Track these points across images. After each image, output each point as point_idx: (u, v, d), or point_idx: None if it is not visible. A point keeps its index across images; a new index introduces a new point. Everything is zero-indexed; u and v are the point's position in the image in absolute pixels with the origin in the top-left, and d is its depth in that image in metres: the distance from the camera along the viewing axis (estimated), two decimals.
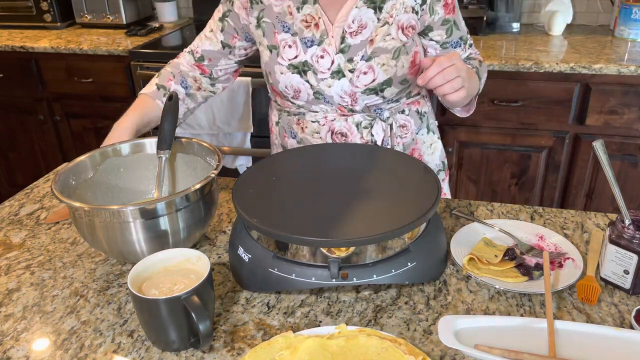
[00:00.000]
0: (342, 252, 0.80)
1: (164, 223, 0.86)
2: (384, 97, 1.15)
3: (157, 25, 2.70)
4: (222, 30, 1.21)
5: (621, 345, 0.72)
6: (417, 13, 1.11)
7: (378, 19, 1.10)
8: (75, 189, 0.95)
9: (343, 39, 1.11)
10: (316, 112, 1.20)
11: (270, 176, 0.95)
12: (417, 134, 1.27)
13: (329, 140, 1.21)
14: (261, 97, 2.23)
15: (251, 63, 1.30)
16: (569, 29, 2.39)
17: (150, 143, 1.05)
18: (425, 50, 1.20)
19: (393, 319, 0.80)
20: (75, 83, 2.48)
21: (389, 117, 1.20)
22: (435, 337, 0.76)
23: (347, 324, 0.77)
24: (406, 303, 0.83)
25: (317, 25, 1.11)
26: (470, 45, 1.23)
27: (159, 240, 0.87)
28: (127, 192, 1.05)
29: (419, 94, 1.25)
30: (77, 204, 0.83)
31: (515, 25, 2.40)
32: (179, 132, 2.42)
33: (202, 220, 0.92)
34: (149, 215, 0.84)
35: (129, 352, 0.75)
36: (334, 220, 0.82)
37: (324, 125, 1.20)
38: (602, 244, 0.93)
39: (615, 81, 1.93)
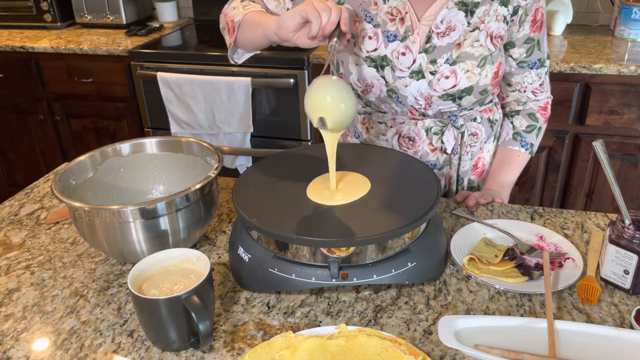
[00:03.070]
0: (342, 252, 0.80)
1: (164, 223, 0.86)
2: (459, 105, 1.11)
3: (157, 25, 2.70)
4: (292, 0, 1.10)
5: (621, 345, 0.72)
6: (507, 23, 1.06)
7: (468, 23, 1.05)
8: (75, 189, 0.95)
9: (429, 39, 1.06)
10: (384, 112, 1.15)
11: (270, 176, 0.95)
12: (485, 142, 1.22)
13: (396, 144, 1.17)
14: (261, 97, 2.23)
15: (251, 63, 1.29)
16: (569, 29, 2.39)
17: (150, 143, 1.05)
18: None
19: (393, 319, 0.80)
20: (75, 83, 2.48)
21: (462, 125, 1.15)
22: (435, 337, 0.76)
23: (347, 324, 0.77)
24: (406, 303, 0.83)
25: (402, 19, 1.06)
26: (546, 73, 1.18)
27: (159, 240, 0.87)
28: (127, 192, 1.05)
29: (491, 101, 1.20)
30: (77, 204, 0.83)
31: None
32: (179, 132, 2.41)
33: (202, 220, 0.92)
34: (149, 215, 0.84)
35: (129, 352, 0.75)
36: (334, 220, 0.82)
37: (391, 127, 1.15)
38: (602, 244, 0.93)
39: (615, 81, 1.93)
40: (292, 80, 2.12)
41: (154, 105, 2.37)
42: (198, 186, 0.87)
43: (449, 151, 1.16)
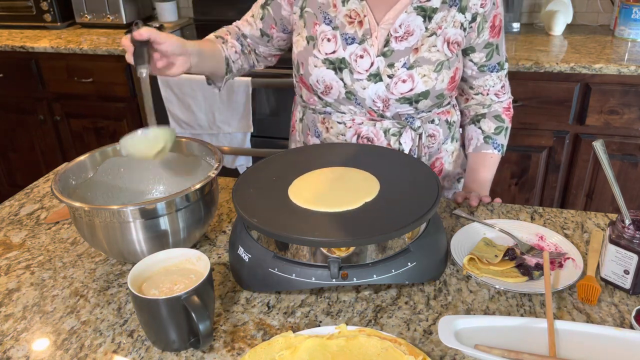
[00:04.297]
0: (342, 252, 0.80)
1: (164, 223, 0.86)
2: (416, 108, 1.12)
3: (157, 25, 2.69)
4: (261, 19, 1.20)
5: (621, 345, 0.72)
6: (464, 30, 1.08)
7: (426, 28, 1.06)
8: (75, 189, 0.95)
9: (387, 42, 1.07)
10: (344, 113, 1.16)
11: (270, 176, 0.95)
12: (443, 143, 1.24)
13: None
14: (261, 97, 2.23)
15: None
16: (569, 29, 2.39)
17: None
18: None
19: (393, 319, 0.80)
20: (75, 83, 2.47)
21: (419, 127, 1.16)
22: (435, 337, 0.76)
23: (347, 324, 0.77)
24: (406, 303, 0.83)
25: (361, 22, 1.08)
26: (506, 75, 1.21)
27: (159, 240, 0.87)
28: (127, 192, 1.05)
29: (449, 103, 1.22)
30: (77, 204, 0.83)
31: (516, 25, 2.40)
32: (179, 132, 2.41)
33: (202, 220, 0.92)
34: (149, 215, 0.84)
35: (129, 352, 0.75)
36: (334, 220, 0.82)
37: (350, 127, 1.16)
38: (602, 244, 0.93)
39: (615, 81, 1.93)
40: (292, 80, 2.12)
41: (154, 105, 2.36)
42: (198, 186, 0.87)
43: (406, 152, 1.17)
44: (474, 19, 1.08)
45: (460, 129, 1.31)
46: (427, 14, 1.06)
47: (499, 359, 0.69)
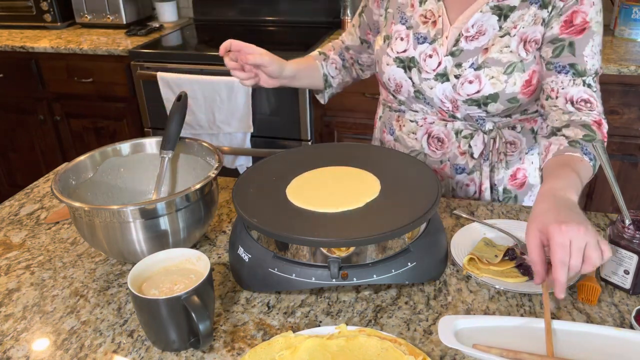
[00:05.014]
0: (342, 252, 0.80)
1: (164, 223, 0.86)
2: (487, 111, 1.07)
3: (157, 25, 2.70)
4: (359, 26, 1.23)
5: (621, 345, 0.72)
6: (546, 26, 1.00)
7: (500, 27, 1.02)
8: (75, 189, 0.95)
9: (457, 42, 1.05)
10: (416, 111, 1.16)
11: (270, 176, 0.95)
12: (527, 153, 1.17)
13: (424, 144, 1.17)
14: (261, 97, 2.23)
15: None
16: None
17: (150, 143, 1.05)
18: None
19: (393, 319, 0.80)
20: (75, 83, 2.48)
21: (492, 130, 1.11)
22: (435, 337, 0.76)
23: (347, 324, 0.77)
24: (406, 303, 0.83)
25: (435, 22, 1.07)
26: (589, 86, 0.98)
27: (159, 240, 0.87)
28: (127, 192, 1.05)
29: (536, 111, 1.13)
30: (77, 204, 0.83)
31: None
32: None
33: (202, 220, 0.92)
34: (149, 215, 0.84)
35: (129, 352, 0.75)
36: (334, 220, 0.82)
37: (422, 126, 1.16)
38: None
39: (615, 81, 1.93)
40: None
41: (154, 105, 2.37)
42: (198, 186, 0.87)
43: (476, 156, 1.14)
44: (551, 12, 1.00)
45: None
46: (503, 13, 1.01)
47: (498, 359, 0.69)
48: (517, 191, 1.20)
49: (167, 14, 2.77)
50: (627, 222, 0.82)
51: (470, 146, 1.13)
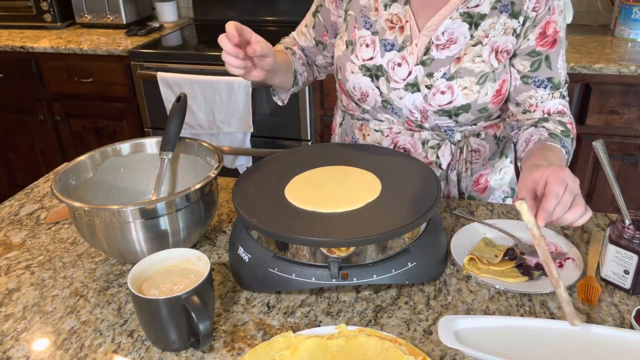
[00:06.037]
0: (342, 252, 0.80)
1: (164, 223, 0.86)
2: (457, 122, 1.06)
3: (157, 25, 2.70)
4: (313, 27, 1.17)
5: (621, 345, 0.72)
6: (516, 36, 0.99)
7: (472, 36, 0.99)
8: (75, 189, 0.95)
9: (427, 50, 1.01)
10: (381, 121, 1.12)
11: (270, 176, 0.95)
12: (489, 159, 1.16)
13: None
14: (261, 97, 2.23)
15: None
16: (569, 29, 2.39)
17: (150, 143, 1.05)
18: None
19: (393, 319, 0.80)
20: (75, 83, 2.48)
21: (460, 140, 1.10)
22: (435, 337, 0.76)
23: (347, 324, 0.77)
24: (406, 303, 0.83)
25: (402, 28, 1.02)
26: (563, 97, 1.03)
27: (159, 240, 0.87)
28: (127, 192, 1.05)
29: (499, 117, 1.13)
30: (77, 204, 0.83)
31: None
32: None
33: (202, 220, 0.92)
34: (149, 215, 0.84)
35: (129, 352, 0.75)
36: (334, 220, 0.82)
37: (387, 136, 1.12)
38: (602, 244, 0.93)
39: (615, 81, 1.93)
40: None
41: (154, 105, 2.37)
42: (198, 186, 0.87)
43: (443, 166, 1.12)
44: (524, 23, 0.98)
45: (512, 144, 1.18)
46: (473, 21, 0.98)
47: (499, 359, 0.69)
48: (479, 196, 1.21)
49: (167, 14, 2.77)
50: (627, 222, 0.82)
51: (438, 157, 1.11)
